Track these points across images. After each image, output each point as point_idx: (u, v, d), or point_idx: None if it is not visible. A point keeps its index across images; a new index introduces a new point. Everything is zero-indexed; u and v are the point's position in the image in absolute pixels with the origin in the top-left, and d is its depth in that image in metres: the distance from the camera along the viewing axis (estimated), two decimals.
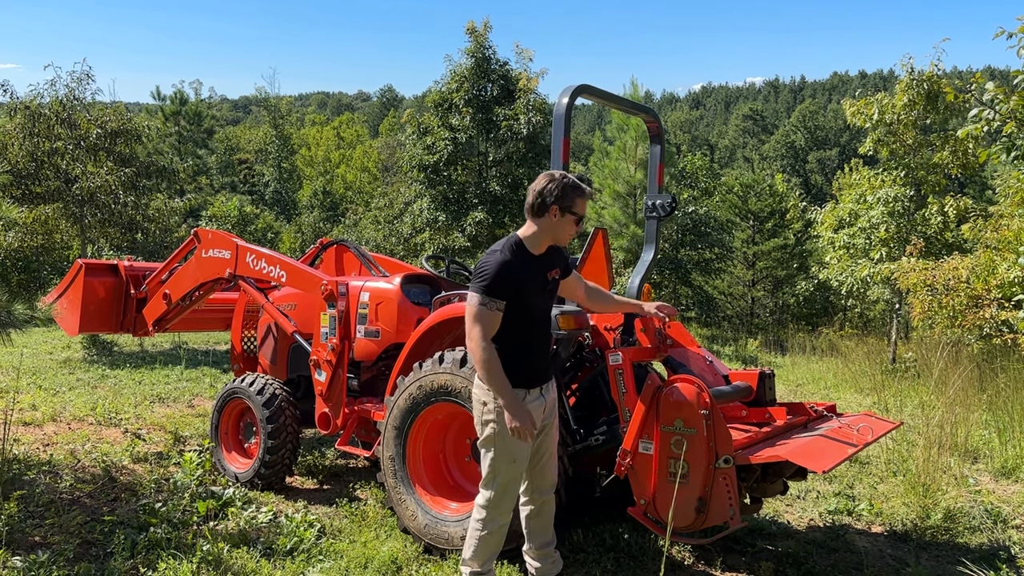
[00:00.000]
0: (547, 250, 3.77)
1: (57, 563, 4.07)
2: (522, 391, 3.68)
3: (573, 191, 3.61)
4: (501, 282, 3.53)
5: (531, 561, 3.96)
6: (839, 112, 59.35)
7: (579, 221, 3.67)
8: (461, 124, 18.89)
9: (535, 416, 3.70)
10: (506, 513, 3.80)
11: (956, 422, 7.00)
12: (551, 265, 3.78)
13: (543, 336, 3.82)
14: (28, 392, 9.06)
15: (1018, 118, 8.59)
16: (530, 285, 3.65)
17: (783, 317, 29.31)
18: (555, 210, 3.61)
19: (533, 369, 3.73)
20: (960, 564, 4.46)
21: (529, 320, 3.70)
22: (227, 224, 30.19)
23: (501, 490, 3.73)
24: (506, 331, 3.64)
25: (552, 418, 3.89)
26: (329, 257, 6.79)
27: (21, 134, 13.84)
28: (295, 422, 5.77)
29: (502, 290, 3.54)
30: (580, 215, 3.65)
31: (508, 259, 3.59)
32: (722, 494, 3.68)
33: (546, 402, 3.81)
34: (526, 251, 3.69)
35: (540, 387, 3.77)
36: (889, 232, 14.19)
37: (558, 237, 3.70)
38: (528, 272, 3.65)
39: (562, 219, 3.63)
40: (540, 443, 3.86)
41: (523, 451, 3.69)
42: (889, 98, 13.69)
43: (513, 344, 3.68)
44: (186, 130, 44.69)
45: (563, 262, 3.89)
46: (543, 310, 3.81)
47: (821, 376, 12.82)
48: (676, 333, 4.97)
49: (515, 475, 3.74)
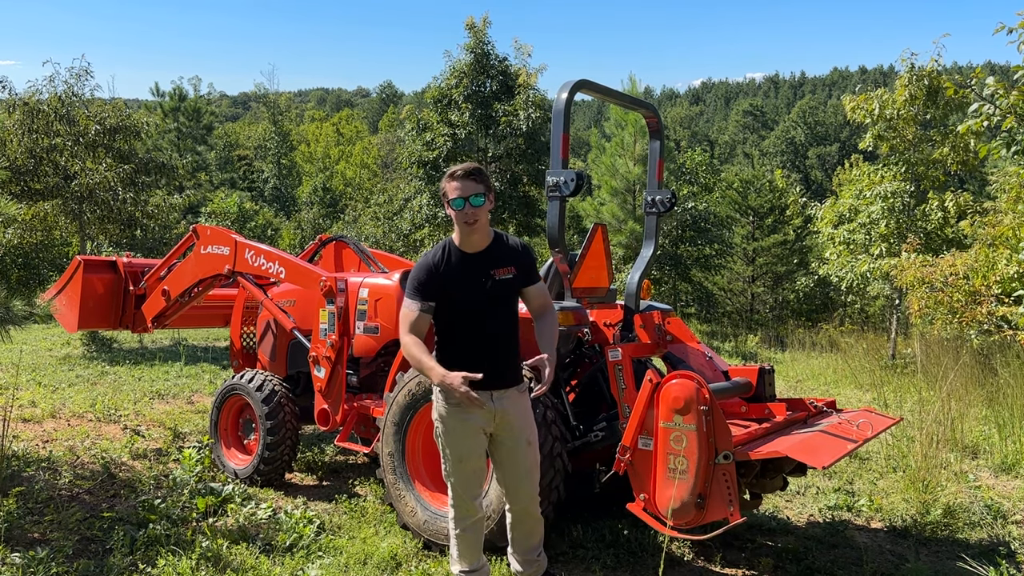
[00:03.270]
0: (490, 247, 3.63)
1: (56, 559, 4.07)
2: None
3: (444, 179, 3.55)
4: (418, 282, 3.57)
5: (514, 563, 3.95)
6: (839, 108, 59.30)
7: (456, 204, 3.48)
8: (460, 120, 18.86)
9: (478, 421, 3.59)
10: (470, 511, 3.73)
11: (955, 418, 7.00)
12: (496, 263, 3.61)
13: (489, 337, 3.60)
14: (27, 389, 9.06)
15: (1018, 113, 8.57)
16: (458, 284, 3.57)
17: (783, 313, 29.30)
18: (444, 204, 3.58)
19: (473, 371, 3.41)
20: (960, 560, 4.46)
21: (463, 319, 3.62)
22: (226, 220, 30.14)
23: (458, 488, 3.71)
24: (443, 331, 3.67)
25: (519, 430, 3.66)
26: (328, 253, 6.79)
27: (20, 130, 13.80)
28: (294, 418, 5.77)
29: (422, 290, 3.55)
30: (451, 199, 3.49)
31: (429, 260, 3.60)
32: (721, 490, 3.68)
33: (496, 408, 3.58)
34: (456, 250, 3.63)
35: (490, 392, 3.55)
36: (889, 228, 14.18)
37: (458, 228, 3.58)
38: (456, 271, 3.58)
39: (448, 209, 3.57)
40: (506, 455, 3.69)
41: (469, 450, 3.64)
42: (889, 94, 13.67)
43: (448, 344, 3.67)
44: (185, 126, 44.57)
45: (523, 262, 3.67)
46: (484, 309, 3.60)
47: (821, 372, 12.82)
48: (676, 329, 4.98)
49: (465, 473, 3.67)
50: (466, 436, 3.63)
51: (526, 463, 3.71)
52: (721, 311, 30.17)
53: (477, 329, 3.61)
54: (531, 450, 3.73)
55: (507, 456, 3.70)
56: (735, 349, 18.32)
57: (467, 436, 3.63)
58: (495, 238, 3.67)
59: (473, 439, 3.64)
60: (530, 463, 3.73)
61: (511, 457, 3.69)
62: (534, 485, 3.76)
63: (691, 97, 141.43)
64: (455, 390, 3.37)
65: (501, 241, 3.69)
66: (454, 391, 3.38)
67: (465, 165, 3.54)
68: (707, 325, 26.45)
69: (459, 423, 3.62)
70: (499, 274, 3.61)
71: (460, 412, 3.60)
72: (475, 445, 3.66)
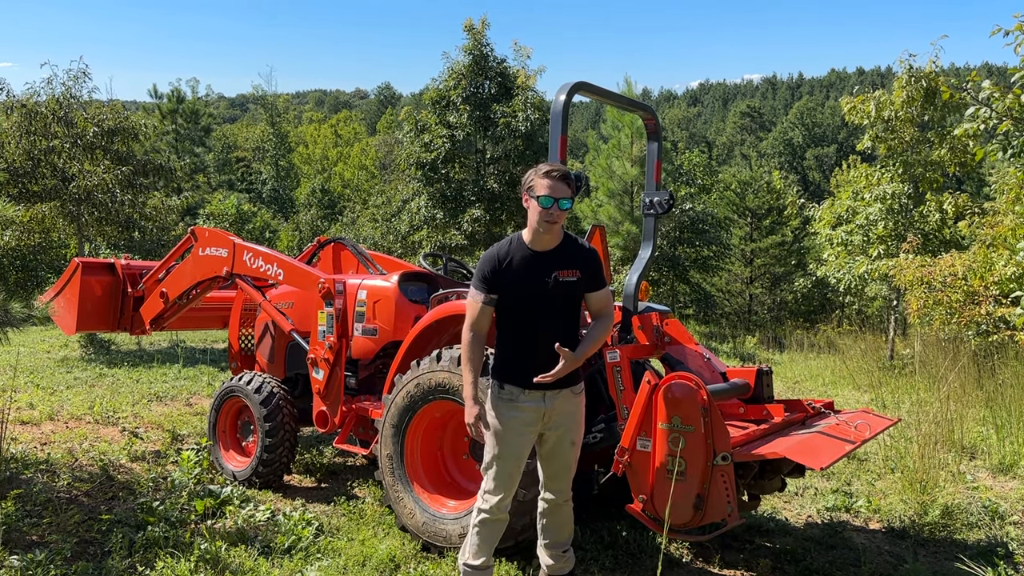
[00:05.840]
0: (558, 248, 3.67)
1: (55, 562, 4.07)
2: (516, 389, 3.66)
3: (535, 174, 3.59)
4: (483, 273, 3.63)
5: (544, 557, 3.97)
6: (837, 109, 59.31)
7: (544, 203, 3.52)
8: (459, 121, 18.86)
9: (528, 418, 3.65)
10: (493, 508, 3.74)
11: (953, 418, 7.01)
12: (562, 264, 3.63)
13: (546, 335, 3.60)
14: (25, 391, 9.05)
15: (1014, 116, 8.60)
16: (521, 280, 3.61)
17: (781, 314, 29.34)
18: (525, 197, 3.63)
19: (527, 368, 3.59)
20: (958, 560, 4.47)
21: (522, 315, 3.66)
22: (224, 222, 30.11)
23: (489, 482, 3.74)
24: (502, 325, 3.74)
25: (565, 430, 3.75)
26: (326, 255, 6.78)
27: (17, 132, 13.79)
28: (293, 420, 5.77)
29: (486, 281, 3.62)
30: (539, 195, 3.54)
31: (495, 252, 3.66)
32: (720, 491, 3.68)
33: (547, 407, 3.67)
34: (523, 246, 3.67)
35: (543, 391, 3.64)
36: (887, 229, 14.19)
37: (531, 223, 3.62)
38: (520, 267, 3.62)
39: (530, 203, 3.60)
40: (549, 451, 3.78)
41: (510, 449, 3.67)
42: (887, 95, 13.68)
43: (506, 339, 3.73)
44: (183, 128, 44.51)
45: (588, 267, 3.68)
46: (543, 307, 3.64)
47: (819, 373, 12.83)
48: (674, 330, 4.98)
49: (500, 471, 3.70)
50: (512, 433, 3.67)
51: (567, 460, 3.82)
52: (719, 312, 30.20)
53: (534, 327, 3.66)
54: (574, 449, 3.83)
55: (550, 452, 3.80)
56: (733, 350, 18.34)
57: (513, 434, 3.67)
58: (565, 239, 3.72)
59: (518, 438, 3.68)
60: (570, 460, 3.84)
61: (553, 453, 3.80)
62: (569, 481, 3.88)
63: (689, 98, 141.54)
64: (469, 431, 3.63)
65: (570, 243, 3.73)
66: (468, 429, 3.63)
67: (560, 166, 3.62)
68: (705, 326, 26.48)
69: (509, 418, 3.67)
70: (563, 275, 3.64)
71: (512, 407, 3.67)
72: (518, 445, 3.69)
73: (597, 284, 3.74)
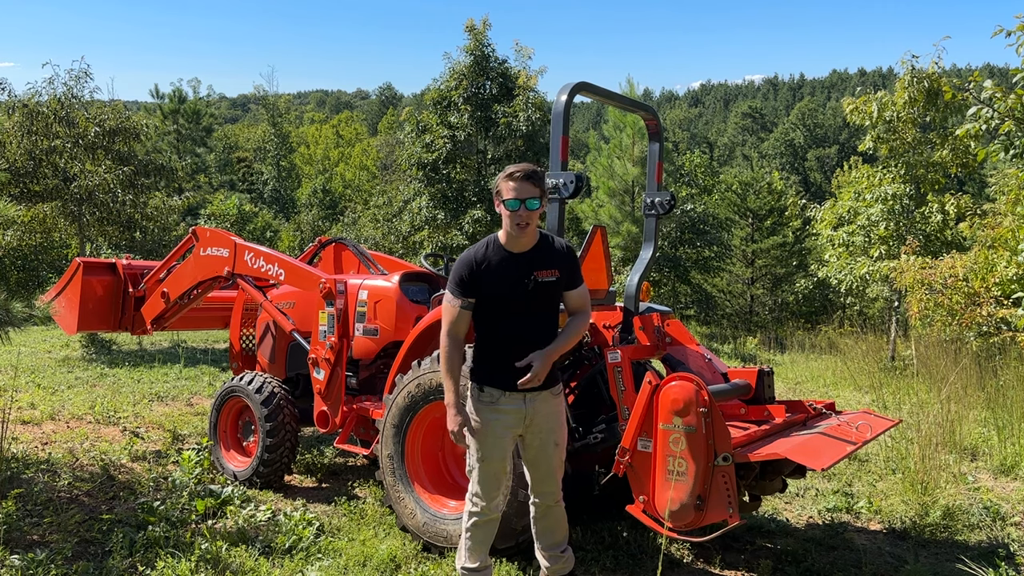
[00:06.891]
0: (535, 248, 3.64)
1: (55, 561, 4.07)
2: (496, 391, 3.64)
3: (500, 177, 3.56)
4: (460, 277, 3.60)
5: (542, 560, 3.96)
6: (838, 110, 59.26)
7: (511, 205, 3.49)
8: (460, 122, 18.87)
9: (509, 420, 3.63)
10: (484, 509, 3.73)
11: (954, 420, 7.00)
12: (541, 265, 3.61)
13: (526, 338, 3.60)
14: (26, 390, 9.05)
15: (1016, 116, 8.59)
16: (500, 282, 3.58)
17: (782, 315, 29.34)
18: (496, 202, 3.60)
19: (507, 370, 3.56)
20: (959, 562, 4.46)
21: (500, 318, 3.63)
22: (226, 222, 30.10)
23: (476, 485, 3.73)
24: (480, 327, 3.71)
25: (548, 433, 3.72)
26: (328, 255, 6.79)
27: (19, 132, 13.80)
28: (294, 420, 5.77)
29: (463, 285, 3.59)
30: (506, 199, 3.50)
31: (471, 255, 3.63)
32: (721, 492, 3.68)
33: (528, 409, 3.64)
34: (500, 248, 3.64)
35: (524, 394, 3.61)
36: (888, 230, 14.19)
37: (505, 226, 3.59)
38: (499, 269, 3.59)
39: (501, 207, 3.57)
40: (534, 455, 3.75)
41: (493, 451, 3.66)
42: (889, 96, 13.68)
43: (484, 341, 3.71)
44: (184, 128, 44.55)
45: (566, 266, 3.67)
46: (523, 309, 3.61)
47: (820, 374, 12.82)
48: (675, 331, 4.98)
49: (486, 473, 3.69)
50: (494, 436, 3.65)
51: (552, 463, 3.78)
52: (720, 313, 30.19)
53: (514, 329, 3.63)
54: (558, 451, 3.79)
55: (535, 455, 3.76)
56: (734, 351, 18.33)
57: (495, 436, 3.65)
58: (541, 239, 3.69)
59: (500, 440, 3.66)
60: (556, 463, 3.80)
61: (539, 458, 3.76)
62: (558, 482, 3.84)
63: (690, 99, 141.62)
64: (452, 438, 3.64)
65: (547, 242, 3.70)
66: (451, 436, 3.63)
67: (524, 166, 3.55)
68: (706, 327, 26.48)
69: (491, 420, 3.65)
70: (542, 275, 3.62)
71: (492, 409, 3.64)
72: (500, 447, 3.67)
73: (575, 282, 3.73)
